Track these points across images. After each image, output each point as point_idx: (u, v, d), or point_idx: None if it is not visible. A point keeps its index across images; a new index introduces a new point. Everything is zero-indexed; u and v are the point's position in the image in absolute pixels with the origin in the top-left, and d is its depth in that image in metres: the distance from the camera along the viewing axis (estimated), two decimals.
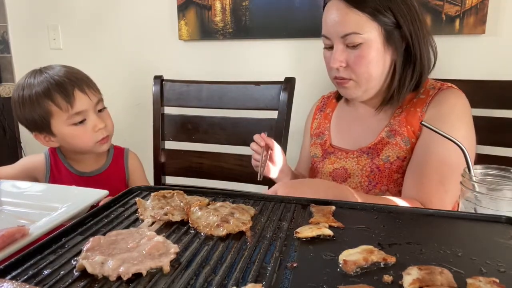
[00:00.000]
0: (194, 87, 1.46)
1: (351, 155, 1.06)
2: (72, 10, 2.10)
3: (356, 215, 0.66)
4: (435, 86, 1.03)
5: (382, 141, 1.02)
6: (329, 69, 1.02)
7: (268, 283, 0.47)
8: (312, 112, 1.24)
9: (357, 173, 1.03)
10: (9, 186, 0.92)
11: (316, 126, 1.19)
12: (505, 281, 0.45)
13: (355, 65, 0.96)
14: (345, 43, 0.95)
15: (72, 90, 1.06)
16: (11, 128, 2.24)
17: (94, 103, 1.10)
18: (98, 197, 0.81)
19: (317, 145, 1.15)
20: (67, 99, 1.05)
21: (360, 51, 0.94)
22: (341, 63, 0.96)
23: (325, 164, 1.10)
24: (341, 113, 1.16)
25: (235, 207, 0.66)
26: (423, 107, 1.00)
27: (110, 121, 1.15)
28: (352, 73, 0.97)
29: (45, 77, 1.08)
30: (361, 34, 0.93)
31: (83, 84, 1.09)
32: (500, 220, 0.62)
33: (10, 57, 2.25)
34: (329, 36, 0.97)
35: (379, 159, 1.01)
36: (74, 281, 0.48)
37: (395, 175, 0.99)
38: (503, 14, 1.48)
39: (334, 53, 0.97)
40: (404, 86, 0.99)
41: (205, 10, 1.81)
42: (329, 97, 1.23)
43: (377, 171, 1.00)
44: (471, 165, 0.72)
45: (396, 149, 0.99)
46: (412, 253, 0.53)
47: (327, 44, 1.00)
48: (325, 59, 1.03)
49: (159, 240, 0.54)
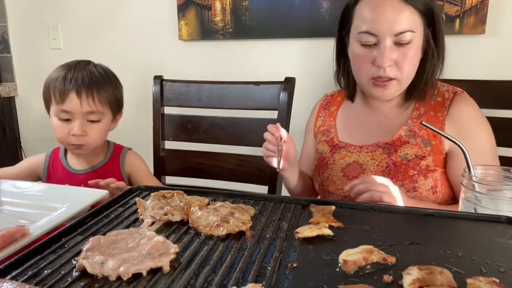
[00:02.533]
0: (194, 87, 1.46)
1: (365, 149, 1.05)
2: (72, 10, 2.10)
3: (356, 215, 0.66)
4: (448, 89, 1.04)
5: (400, 139, 1.01)
6: (368, 68, 0.98)
7: (268, 283, 0.47)
8: (315, 110, 1.23)
9: (372, 168, 1.02)
10: (9, 186, 0.92)
11: (321, 124, 1.18)
12: (505, 281, 0.45)
13: (403, 63, 0.94)
14: (396, 40, 0.93)
15: (69, 89, 1.08)
16: (11, 128, 2.24)
17: (84, 111, 1.09)
18: (98, 197, 0.81)
19: (323, 143, 1.14)
20: (61, 95, 1.09)
21: (407, 48, 0.94)
22: (391, 61, 0.94)
23: (336, 159, 1.08)
24: (348, 110, 1.15)
25: (235, 207, 0.66)
26: (442, 111, 1.01)
27: (95, 134, 1.12)
28: (398, 72, 0.95)
29: (72, 68, 1.12)
30: (414, 32, 0.93)
31: (88, 90, 1.09)
32: (500, 220, 0.62)
33: (10, 57, 2.25)
34: (377, 33, 0.94)
35: (396, 155, 1.00)
36: (74, 281, 0.48)
37: (411, 171, 0.98)
38: (503, 14, 1.48)
39: (383, 51, 0.93)
40: (427, 84, 1.00)
41: (205, 10, 1.81)
42: (332, 95, 1.22)
43: (393, 166, 1.00)
44: (471, 165, 0.72)
45: (416, 149, 0.99)
46: (412, 253, 0.53)
47: (368, 42, 0.95)
48: (361, 58, 0.98)
49: (159, 240, 0.54)
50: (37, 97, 1.21)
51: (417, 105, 1.04)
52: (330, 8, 1.62)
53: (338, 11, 1.07)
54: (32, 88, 2.18)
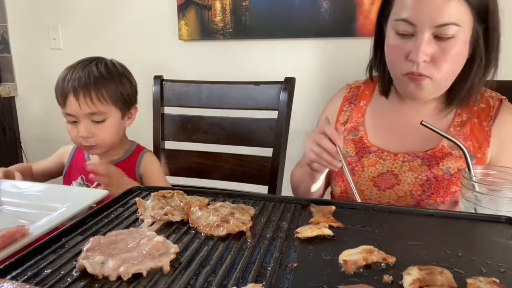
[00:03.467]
0: (194, 87, 1.46)
1: (401, 157, 0.94)
2: (72, 10, 2.10)
3: (356, 215, 0.66)
4: (491, 95, 0.97)
5: (443, 149, 0.92)
6: (401, 61, 0.87)
7: (268, 283, 0.47)
8: (337, 103, 1.08)
9: (409, 180, 0.92)
10: (9, 186, 0.92)
11: (346, 120, 1.04)
12: (505, 281, 0.45)
13: (441, 61, 0.84)
14: (436, 33, 0.83)
15: (67, 92, 1.07)
16: (11, 128, 2.24)
17: (86, 112, 1.07)
18: (98, 197, 0.81)
19: (349, 141, 1.01)
20: (61, 98, 1.08)
21: (449, 44, 0.83)
22: (427, 57, 0.83)
23: (365, 165, 0.97)
24: (379, 107, 1.03)
25: (235, 207, 0.65)
26: (488, 120, 0.93)
27: (102, 133, 1.10)
28: (434, 70, 0.85)
29: (78, 68, 1.11)
30: (460, 26, 0.82)
31: (85, 91, 1.06)
32: (500, 220, 0.62)
33: (10, 57, 2.25)
34: (416, 23, 0.83)
35: (438, 169, 0.90)
36: (74, 281, 0.48)
37: (453, 187, 0.89)
38: (503, 14, 1.47)
39: (419, 43, 0.83)
40: (473, 89, 0.91)
41: (205, 10, 1.81)
42: (358, 87, 1.08)
43: (434, 180, 0.90)
44: (471, 165, 0.72)
45: (459, 162, 0.90)
46: (412, 253, 0.53)
47: (405, 31, 0.85)
48: (395, 48, 0.88)
49: (159, 240, 0.54)
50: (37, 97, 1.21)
51: (459, 111, 0.95)
52: (330, 8, 1.62)
53: (338, 11, 1.05)
54: (32, 88, 2.19)
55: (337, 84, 1.19)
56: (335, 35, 1.63)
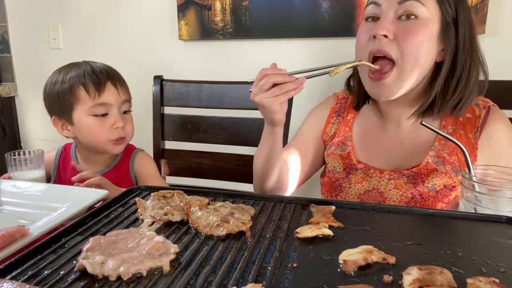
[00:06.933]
0: (194, 87, 1.46)
1: (387, 175, 0.92)
2: (72, 10, 2.09)
3: (356, 215, 0.66)
4: (477, 103, 0.93)
5: (428, 166, 0.89)
6: (366, 43, 0.88)
7: (268, 283, 0.47)
8: (324, 114, 1.07)
9: (394, 197, 0.91)
10: (9, 186, 0.92)
11: (334, 133, 1.04)
12: (505, 281, 0.45)
13: (405, 40, 0.83)
14: (399, 13, 0.84)
15: (104, 80, 1.09)
16: (11, 128, 2.24)
17: (121, 100, 1.11)
18: (98, 197, 0.81)
19: (337, 157, 1.00)
20: (97, 87, 1.07)
21: (413, 24, 0.83)
22: (388, 31, 0.83)
23: (352, 182, 0.96)
24: (366, 122, 1.02)
25: (235, 207, 0.66)
26: (474, 132, 0.90)
27: (131, 125, 1.15)
28: (398, 49, 0.84)
29: (84, 66, 1.12)
30: (423, 4, 0.82)
31: (116, 79, 1.11)
32: (500, 220, 0.62)
33: (10, 57, 2.25)
34: (381, 2, 0.85)
35: (423, 186, 0.88)
36: (74, 281, 0.48)
37: (439, 204, 0.88)
38: (503, 14, 1.47)
39: (381, 20, 0.84)
40: (447, 95, 0.87)
41: (205, 10, 1.81)
42: (346, 99, 1.07)
43: (420, 198, 0.89)
44: (471, 165, 0.72)
45: (445, 178, 0.88)
46: (412, 253, 0.53)
47: (372, 14, 0.87)
48: (362, 32, 0.89)
49: (159, 240, 0.54)
50: (37, 97, 1.21)
51: (444, 122, 0.93)
52: (330, 8, 1.62)
53: (338, 11, 1.05)
54: (32, 88, 2.18)
55: (337, 84, 1.20)
56: (335, 35, 1.63)
